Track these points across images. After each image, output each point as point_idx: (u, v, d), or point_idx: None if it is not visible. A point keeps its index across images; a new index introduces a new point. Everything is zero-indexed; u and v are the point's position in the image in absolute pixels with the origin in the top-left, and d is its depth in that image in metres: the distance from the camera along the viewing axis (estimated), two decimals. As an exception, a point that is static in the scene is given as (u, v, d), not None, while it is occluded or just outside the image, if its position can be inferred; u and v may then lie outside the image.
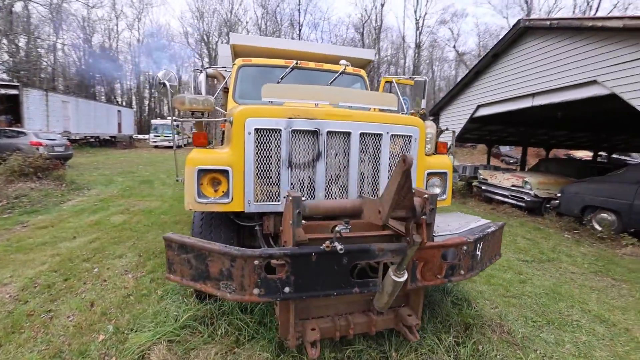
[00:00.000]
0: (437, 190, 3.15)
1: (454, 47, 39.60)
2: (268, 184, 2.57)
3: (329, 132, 2.61)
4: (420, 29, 36.62)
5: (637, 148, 12.81)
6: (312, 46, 4.91)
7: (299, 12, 37.11)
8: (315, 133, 2.59)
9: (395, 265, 2.00)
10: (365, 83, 4.66)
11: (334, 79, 4.40)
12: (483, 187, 9.11)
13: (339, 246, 1.87)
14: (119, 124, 25.20)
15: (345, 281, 2.00)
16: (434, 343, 2.37)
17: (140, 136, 31.49)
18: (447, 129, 3.31)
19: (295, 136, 2.55)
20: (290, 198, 1.92)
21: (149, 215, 6.40)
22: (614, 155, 13.61)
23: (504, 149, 24.75)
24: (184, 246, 1.96)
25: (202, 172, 2.48)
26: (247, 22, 39.98)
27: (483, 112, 8.04)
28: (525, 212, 7.78)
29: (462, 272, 2.24)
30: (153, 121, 27.71)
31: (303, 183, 2.63)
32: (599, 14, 26.25)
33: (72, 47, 33.38)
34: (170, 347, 2.31)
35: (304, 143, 2.59)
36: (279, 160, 2.55)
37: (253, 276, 1.84)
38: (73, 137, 18.36)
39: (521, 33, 6.65)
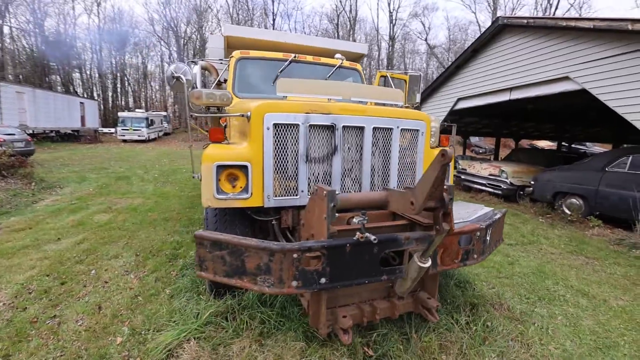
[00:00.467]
0: (441, 181, 3.33)
1: (426, 40, 40.56)
2: (286, 179, 2.60)
3: (344, 127, 2.67)
4: (394, 21, 37.12)
5: (593, 138, 14.02)
6: (307, 39, 4.89)
7: (272, 1, 36.25)
8: (331, 128, 2.64)
9: (419, 252, 2.14)
10: (361, 77, 4.74)
11: (332, 73, 4.45)
12: (462, 177, 9.61)
13: (372, 237, 1.96)
14: (82, 117, 23.51)
15: (375, 269, 2.10)
16: (449, 323, 2.55)
17: (106, 130, 29.61)
18: (449, 123, 3.47)
19: (313, 131, 2.60)
20: (325, 192, 1.97)
21: (135, 213, 6.14)
22: (574, 145, 14.85)
23: (474, 140, 26.03)
24: (217, 243, 1.96)
25: (220, 168, 2.46)
26: (217, 10, 38.48)
27: (463, 104, 8.43)
28: (502, 199, 8.33)
29: (475, 256, 2.43)
30: (120, 114, 26.13)
31: (319, 177, 2.68)
32: (568, 14, 27.98)
33: (21, 32, 30.44)
34: (199, 343, 2.31)
35: (320, 138, 2.64)
36: (296, 154, 2.59)
37: (291, 269, 1.89)
38: (31, 132, 16.91)
39: (500, 30, 7.01)
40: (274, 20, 34.38)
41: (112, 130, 29.54)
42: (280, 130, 2.53)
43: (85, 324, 2.68)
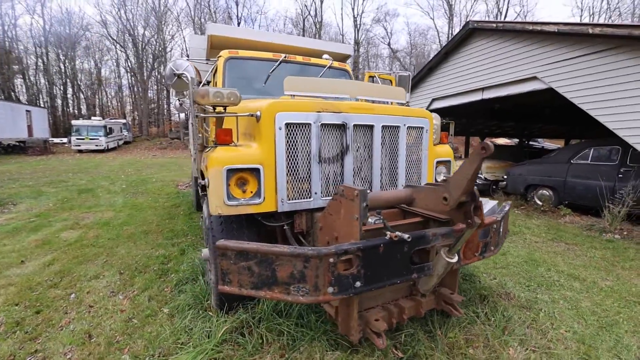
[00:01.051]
0: (442, 178, 3.39)
1: (388, 44, 42.06)
2: (299, 181, 2.49)
3: (355, 126, 2.62)
4: (358, 26, 38.06)
5: (548, 134, 15.29)
6: (294, 40, 4.80)
7: (237, 4, 35.56)
8: (342, 127, 2.57)
9: (445, 248, 2.13)
10: (351, 77, 4.73)
11: (323, 73, 4.39)
12: (438, 174, 9.98)
13: (405, 235, 1.91)
14: (29, 127, 21.30)
15: (406, 268, 2.05)
16: (470, 316, 2.57)
17: (57, 140, 27.14)
18: (447, 120, 3.55)
19: (324, 130, 2.51)
20: (356, 192, 1.89)
21: (108, 228, 5.62)
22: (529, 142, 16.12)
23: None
24: (243, 253, 1.80)
25: (230, 172, 2.28)
26: (178, 14, 36.99)
27: (437, 105, 8.77)
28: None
29: (492, 248, 2.47)
30: (75, 122, 24.08)
31: (331, 177, 2.60)
32: (531, 19, 30.34)
33: (-50, 32, 27.07)
34: (218, 365, 2.11)
35: (331, 137, 2.57)
36: (309, 155, 2.48)
37: (327, 275, 1.78)
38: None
39: (470, 33, 7.40)
40: (238, 24, 33.71)
41: (65, 140, 27.13)
42: (292, 130, 2.42)
43: (75, 356, 2.35)
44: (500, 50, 6.71)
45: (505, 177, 7.71)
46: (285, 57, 4.14)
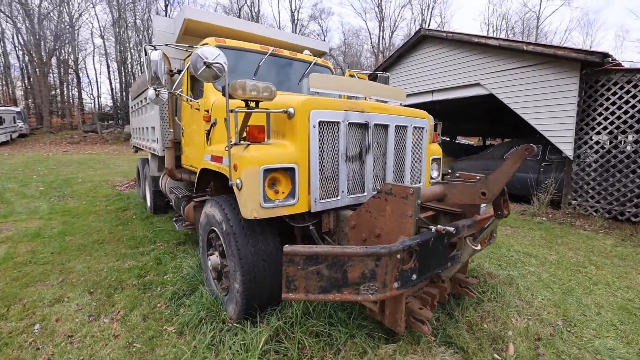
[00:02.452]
0: (436, 173, 3.71)
1: (324, 42, 42.96)
2: (327, 180, 2.47)
3: (374, 125, 2.70)
4: (295, 21, 37.94)
5: (473, 133, 17.65)
6: (277, 33, 4.63)
7: (162, -15, 32.03)
8: (364, 126, 2.63)
9: (470, 237, 2.37)
10: (333, 74, 4.77)
11: (308, 69, 4.34)
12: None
13: (450, 228, 2.07)
14: None
15: (445, 258, 2.23)
16: (479, 298, 2.91)
17: None
18: (436, 121, 3.86)
19: (350, 129, 2.53)
20: (411, 190, 1.97)
21: (44, 240, 4.67)
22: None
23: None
24: (314, 257, 1.74)
25: (266, 173, 2.16)
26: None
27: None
28: (424, 186, 9.70)
29: (495, 235, 2.83)
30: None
31: (353, 176, 2.64)
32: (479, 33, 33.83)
33: None
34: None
35: (356, 136, 2.60)
36: (337, 154, 2.49)
37: (394, 271, 1.84)
38: None
39: (421, 39, 8.08)
40: (166, 7, 30.50)
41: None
42: (324, 128, 2.38)
43: (80, 397, 1.96)
44: (448, 57, 7.51)
45: (450, 170, 8.71)
46: (273, 50, 3.97)
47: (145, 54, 4.00)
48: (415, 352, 2.20)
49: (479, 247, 2.37)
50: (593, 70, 5.40)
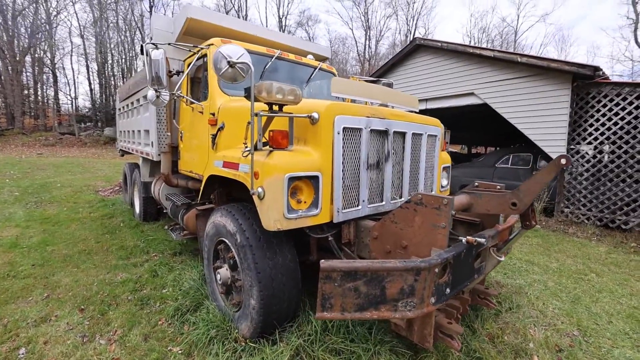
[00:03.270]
0: (445, 182, 3.68)
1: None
2: (349, 189, 2.37)
3: (393, 132, 2.63)
4: (283, 28, 37.97)
5: (462, 141, 18.11)
6: (281, 36, 4.52)
7: (146, -15, 31.29)
8: (384, 133, 2.56)
9: (494, 247, 2.33)
10: (337, 81, 4.70)
11: (313, 74, 4.26)
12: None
13: (481, 239, 2.01)
14: None
15: (472, 270, 2.17)
16: (496, 309, 2.86)
17: None
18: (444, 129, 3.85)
19: (371, 136, 2.45)
20: (445, 200, 1.90)
21: (22, 251, 4.30)
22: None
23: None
24: (352, 273, 1.62)
25: (291, 181, 2.03)
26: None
27: (384, 112, 9.43)
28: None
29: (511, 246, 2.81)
30: None
31: (373, 184, 2.56)
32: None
33: None
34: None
35: (376, 143, 2.52)
36: (358, 161, 2.39)
37: (431, 285, 1.74)
38: None
39: (416, 48, 8.20)
40: (151, 8, 29.76)
41: None
42: (347, 135, 2.28)
43: None
44: (443, 67, 7.64)
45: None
46: (280, 53, 3.86)
47: (143, 53, 3.78)
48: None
49: (502, 258, 2.32)
50: (584, 83, 5.62)
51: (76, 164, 14.72)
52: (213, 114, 3.20)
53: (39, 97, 30.63)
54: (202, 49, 3.48)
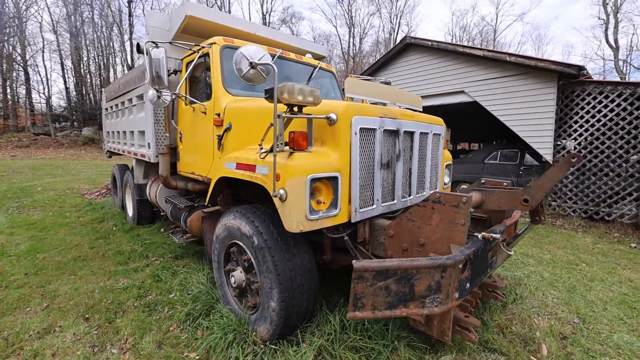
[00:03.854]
0: (447, 179, 3.77)
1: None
2: (365, 188, 2.40)
3: (404, 132, 2.67)
4: (267, 24, 37.54)
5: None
6: (279, 35, 4.48)
7: (124, -22, 30.03)
8: (395, 133, 2.60)
9: (504, 242, 2.42)
10: (336, 79, 4.72)
11: (313, 73, 4.26)
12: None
13: (496, 235, 2.09)
14: None
15: (486, 265, 2.24)
16: (503, 301, 2.97)
17: None
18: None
19: (384, 136, 2.49)
20: (464, 198, 1.95)
21: (10, 259, 4.11)
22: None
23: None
24: (383, 272, 1.65)
25: (312, 182, 2.04)
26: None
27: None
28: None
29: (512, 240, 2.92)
30: None
31: (385, 183, 2.60)
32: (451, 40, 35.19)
33: None
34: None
35: (388, 143, 2.56)
36: (372, 161, 2.42)
37: (455, 281, 1.80)
38: None
39: (406, 47, 8.31)
40: (129, 3, 28.66)
41: None
42: (363, 135, 2.31)
43: None
44: (433, 65, 7.79)
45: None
46: (281, 52, 3.83)
47: (140, 52, 3.68)
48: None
49: (512, 253, 2.41)
50: (569, 82, 5.88)
51: (55, 165, 14.09)
52: (218, 115, 3.14)
53: (9, 96, 29.00)
54: (203, 47, 3.41)
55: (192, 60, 3.54)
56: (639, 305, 3.20)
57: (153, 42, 3.11)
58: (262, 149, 2.24)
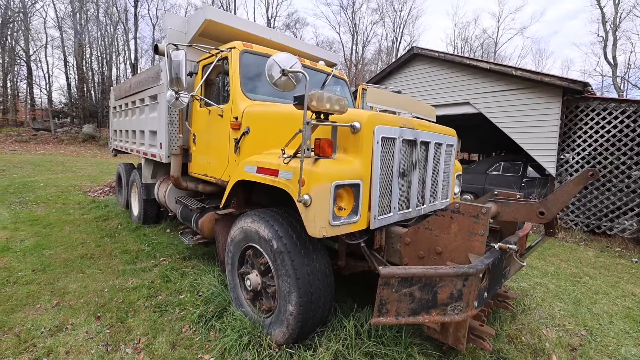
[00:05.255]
0: (457, 189, 3.83)
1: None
2: (383, 196, 2.44)
3: (421, 142, 2.73)
4: (273, 29, 37.86)
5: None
6: (294, 41, 4.56)
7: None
8: (412, 143, 2.65)
9: (516, 253, 2.46)
10: (348, 87, 4.79)
11: (327, 81, 4.33)
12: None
13: (513, 246, 2.13)
14: None
15: (501, 274, 2.29)
16: (512, 312, 3.00)
17: None
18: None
19: (403, 145, 2.54)
20: (484, 209, 2.00)
21: (16, 255, 4.09)
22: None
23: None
24: (408, 279, 1.69)
25: (336, 189, 2.08)
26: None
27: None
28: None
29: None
30: None
31: (402, 192, 2.64)
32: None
33: None
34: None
35: (406, 152, 2.61)
36: (391, 170, 2.47)
37: (475, 290, 1.83)
38: None
39: (413, 57, 8.44)
40: (136, 2, 28.85)
41: None
42: (384, 144, 2.36)
43: None
44: (440, 76, 7.91)
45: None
46: (297, 59, 3.88)
47: (157, 53, 3.74)
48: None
49: (524, 264, 2.46)
50: (574, 97, 6.01)
51: (55, 162, 14.02)
52: (236, 118, 3.19)
53: (9, 90, 28.89)
54: (222, 51, 3.46)
55: (210, 64, 3.59)
56: (643, 320, 3.25)
57: (174, 45, 3.15)
58: (284, 154, 2.29)
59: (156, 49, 3.72)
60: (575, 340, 2.79)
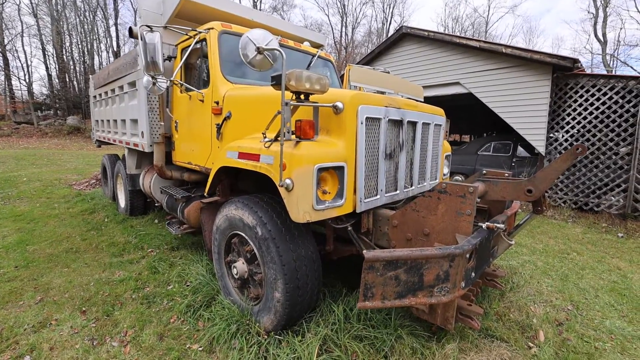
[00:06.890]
0: (446, 170, 3.79)
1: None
2: (369, 178, 2.38)
3: (407, 122, 2.65)
4: (260, 10, 36.63)
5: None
6: (278, 22, 4.36)
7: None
8: (399, 123, 2.58)
9: (504, 232, 2.45)
10: (335, 68, 4.65)
11: (312, 62, 4.18)
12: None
13: (500, 225, 2.11)
14: None
15: (489, 254, 2.28)
16: (501, 290, 3.03)
17: None
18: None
19: (388, 125, 2.46)
20: (471, 189, 1.95)
21: None
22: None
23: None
24: (393, 262, 1.65)
25: (319, 172, 2.00)
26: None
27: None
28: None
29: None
30: None
31: (388, 174, 2.58)
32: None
33: None
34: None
35: (392, 133, 2.54)
36: (377, 151, 2.40)
37: (462, 271, 1.81)
38: None
39: (402, 37, 8.23)
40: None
41: None
42: (369, 125, 2.28)
43: None
44: (429, 56, 7.75)
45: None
46: (279, 39, 3.73)
47: (132, 36, 3.54)
48: (478, 349, 2.23)
49: (513, 242, 2.45)
50: (563, 74, 5.95)
51: (39, 155, 13.63)
52: (217, 103, 3.06)
53: (-13, 83, 27.68)
54: (200, 33, 3.29)
55: (188, 46, 3.42)
56: (628, 293, 3.32)
57: (148, 26, 2.97)
58: (265, 137, 2.19)
59: (130, 32, 3.51)
60: (562, 315, 2.84)
